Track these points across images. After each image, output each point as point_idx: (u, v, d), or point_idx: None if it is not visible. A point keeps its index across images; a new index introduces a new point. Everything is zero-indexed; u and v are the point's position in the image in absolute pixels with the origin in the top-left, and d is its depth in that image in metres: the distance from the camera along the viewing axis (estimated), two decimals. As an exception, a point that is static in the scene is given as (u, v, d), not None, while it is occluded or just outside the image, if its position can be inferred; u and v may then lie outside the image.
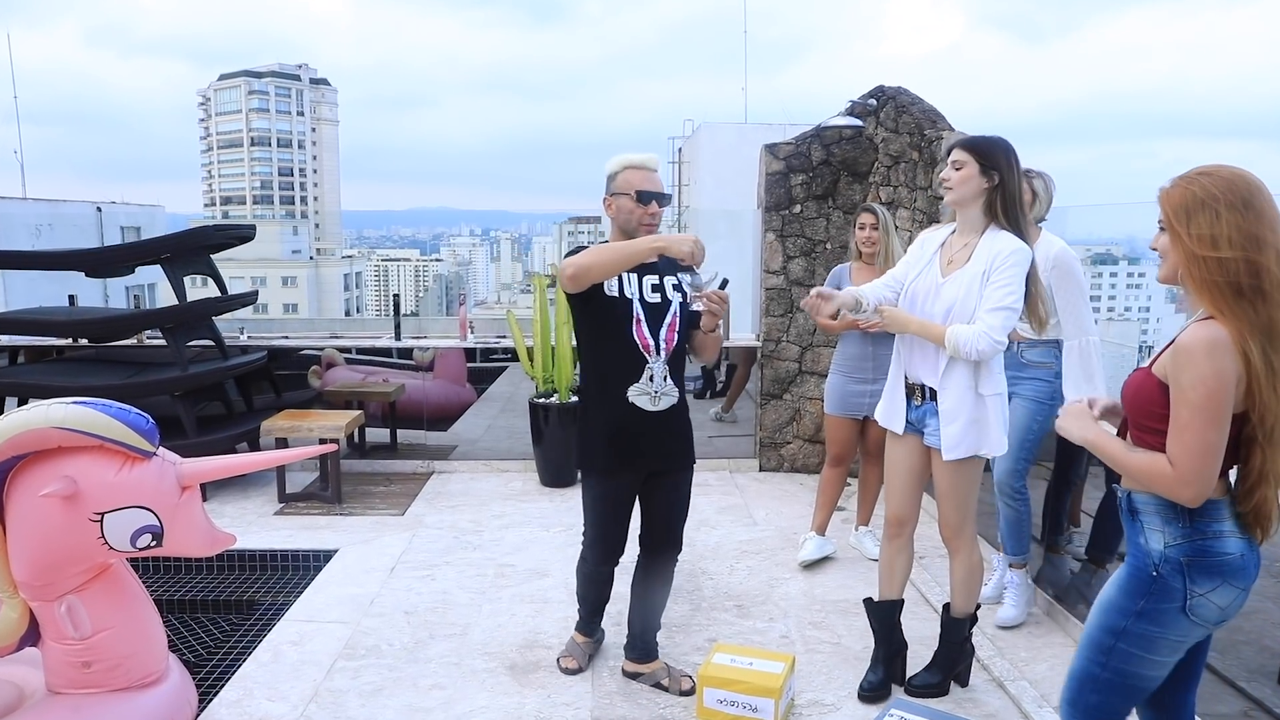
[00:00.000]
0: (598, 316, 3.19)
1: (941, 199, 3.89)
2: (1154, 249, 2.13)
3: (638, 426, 3.19)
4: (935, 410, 3.32)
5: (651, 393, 3.16)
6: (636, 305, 3.18)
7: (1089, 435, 2.19)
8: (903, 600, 3.66)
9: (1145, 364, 2.12)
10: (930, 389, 3.32)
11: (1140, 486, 2.11)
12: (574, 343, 6.50)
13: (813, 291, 3.30)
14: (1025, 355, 4.00)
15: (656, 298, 3.23)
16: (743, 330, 7.13)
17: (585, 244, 3.36)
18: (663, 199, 3.17)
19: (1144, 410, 2.09)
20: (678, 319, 3.25)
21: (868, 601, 3.70)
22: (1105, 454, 2.13)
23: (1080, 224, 5.29)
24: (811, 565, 4.88)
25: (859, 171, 6.50)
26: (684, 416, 3.32)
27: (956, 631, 3.60)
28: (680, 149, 29.12)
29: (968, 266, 3.21)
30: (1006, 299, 3.13)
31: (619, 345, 3.16)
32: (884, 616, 3.64)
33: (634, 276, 3.20)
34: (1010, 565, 4.24)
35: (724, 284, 3.14)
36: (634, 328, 3.16)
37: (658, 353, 3.17)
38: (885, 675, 3.62)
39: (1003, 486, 4.12)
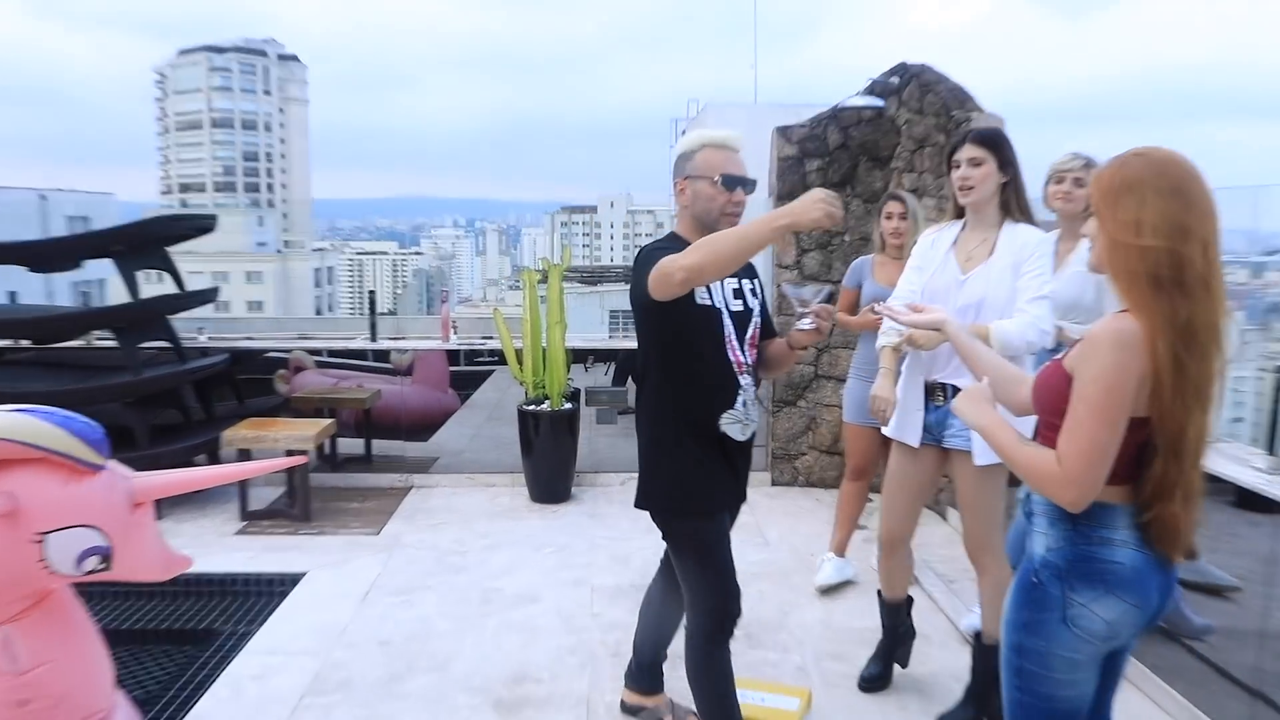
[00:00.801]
0: (684, 330, 2.88)
1: (942, 200, 3.91)
2: (1083, 234, 2.15)
3: (729, 458, 2.97)
4: None
5: (744, 420, 2.94)
6: (727, 316, 2.93)
7: (982, 420, 2.20)
8: (912, 598, 3.93)
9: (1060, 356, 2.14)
10: (955, 388, 3.45)
11: (1029, 484, 2.11)
12: (542, 344, 6.53)
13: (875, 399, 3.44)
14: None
15: (739, 305, 3.00)
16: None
17: (667, 236, 3.01)
18: (749, 185, 2.94)
19: (1049, 405, 2.10)
20: (758, 330, 3.07)
21: (880, 595, 3.95)
22: (995, 444, 2.14)
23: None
24: (830, 590, 4.86)
25: (880, 156, 6.48)
26: (752, 446, 3.12)
27: (991, 660, 3.59)
28: (684, 132, 29.13)
29: (993, 261, 3.39)
30: (1044, 287, 3.33)
31: (711, 365, 2.90)
32: (894, 614, 3.92)
33: (717, 283, 2.94)
34: None
35: (830, 296, 2.92)
36: (728, 343, 2.92)
37: (747, 371, 2.96)
38: (886, 666, 3.93)
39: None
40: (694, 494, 2.96)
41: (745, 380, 2.94)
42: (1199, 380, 1.95)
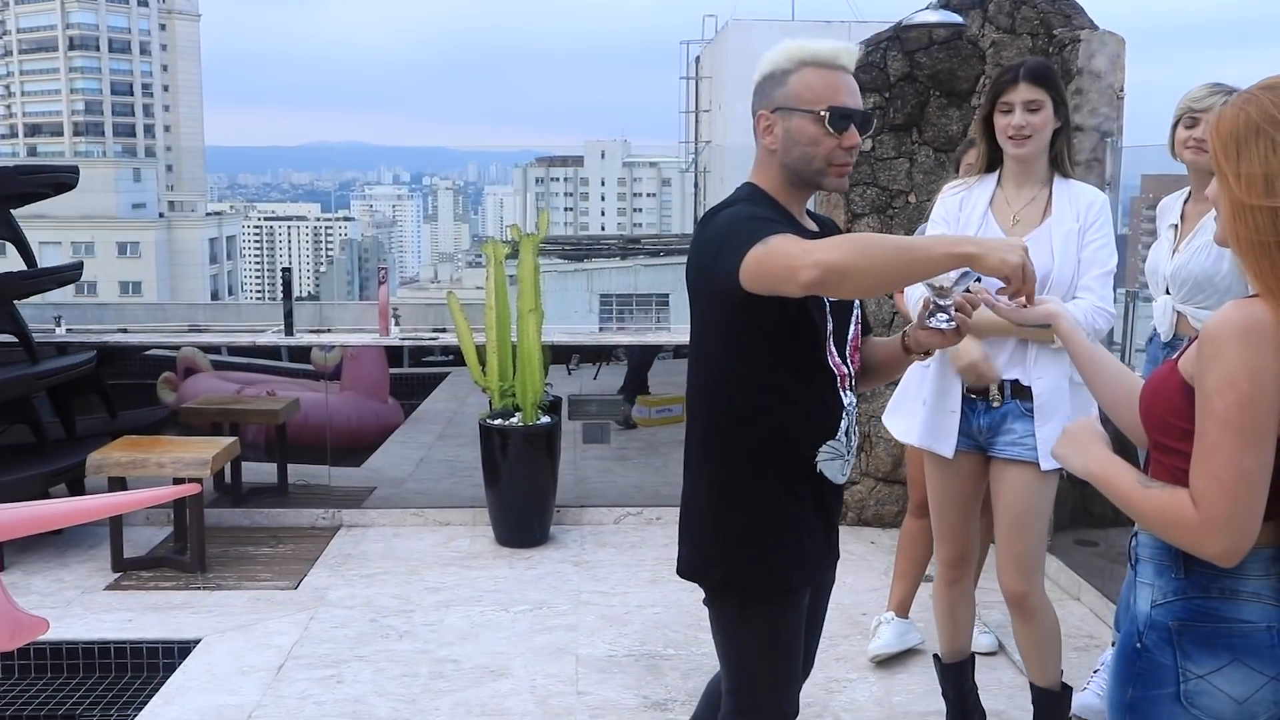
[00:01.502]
0: (780, 331, 2.70)
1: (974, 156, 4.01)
2: (1208, 197, 2.15)
3: (817, 511, 2.83)
4: (1020, 411, 3.61)
5: (844, 455, 2.81)
6: (826, 309, 2.75)
7: (1091, 466, 2.18)
8: (974, 656, 4.06)
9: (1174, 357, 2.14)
10: (1009, 385, 3.62)
11: (1164, 537, 2.08)
12: (511, 339, 6.55)
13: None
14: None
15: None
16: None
17: (752, 197, 2.79)
18: (866, 122, 2.74)
19: (1162, 422, 2.09)
20: (860, 328, 2.94)
21: (936, 660, 4.04)
22: (1112, 492, 2.12)
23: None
24: (887, 661, 4.89)
25: (957, 91, 6.52)
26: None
27: (1056, 709, 3.78)
28: (698, 59, 29.22)
29: (1051, 224, 3.58)
30: (1110, 260, 3.54)
31: (810, 378, 2.75)
32: (958, 679, 3.98)
33: None
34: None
35: (977, 278, 2.63)
36: (828, 345, 2.75)
37: (851, 387, 2.82)
38: None
39: None
40: (778, 561, 2.78)
41: (849, 399, 2.81)
42: None
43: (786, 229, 2.51)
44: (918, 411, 3.83)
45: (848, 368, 2.80)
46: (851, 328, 2.86)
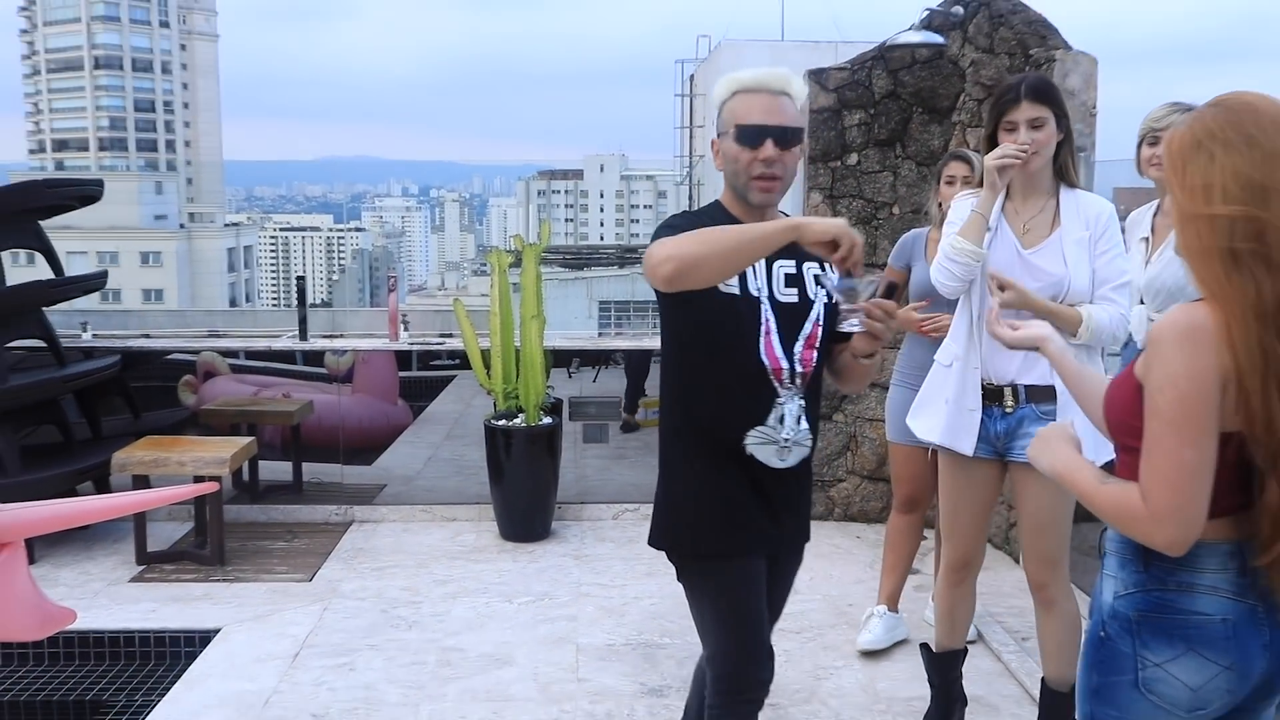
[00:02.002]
0: (703, 324, 2.89)
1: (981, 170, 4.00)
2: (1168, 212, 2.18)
3: (754, 491, 2.93)
4: (1036, 415, 3.60)
5: (779, 441, 2.88)
6: (767, 307, 2.88)
7: (1055, 465, 2.21)
8: (966, 649, 4.04)
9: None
10: (1024, 389, 3.61)
11: (1118, 529, 2.12)
12: (515, 344, 6.56)
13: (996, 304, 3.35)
14: None
15: (793, 295, 2.93)
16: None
17: (681, 214, 3.04)
18: (784, 135, 2.82)
19: (1121, 422, 2.11)
20: (820, 327, 2.97)
21: (924, 649, 4.03)
22: (1074, 489, 2.16)
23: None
24: (874, 653, 4.89)
25: (939, 107, 6.53)
26: (809, 478, 3.12)
27: (1062, 711, 3.75)
28: (692, 77, 29.21)
29: (1061, 233, 3.57)
30: (1125, 271, 3.56)
31: (736, 368, 2.87)
32: (946, 669, 3.97)
33: (760, 264, 2.88)
34: None
35: (890, 290, 2.82)
36: (762, 342, 2.87)
37: (793, 380, 2.89)
38: None
39: None
40: (707, 530, 2.94)
41: (787, 391, 2.88)
42: None
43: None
44: (941, 410, 3.78)
45: (788, 363, 2.87)
46: (807, 326, 2.93)
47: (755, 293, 2.86)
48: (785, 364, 2.86)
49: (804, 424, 2.92)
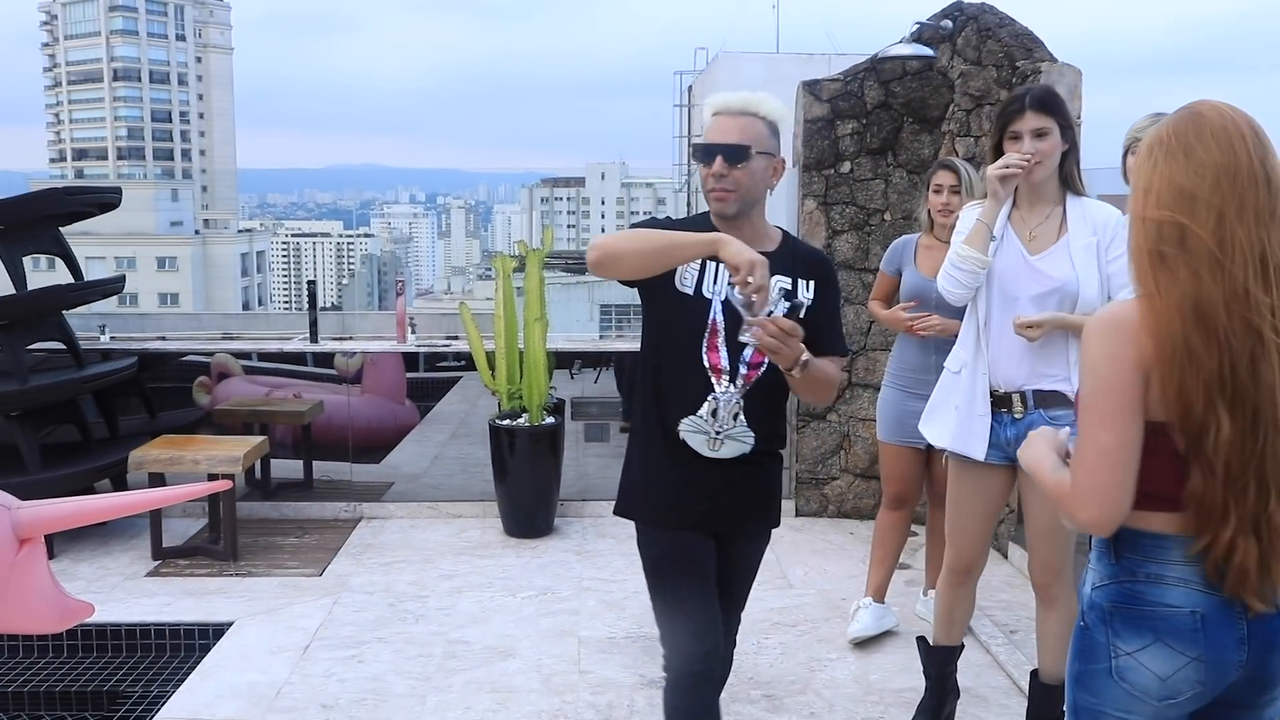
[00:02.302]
0: (662, 317, 3.09)
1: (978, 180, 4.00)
2: None
3: (690, 474, 3.06)
4: (1045, 421, 3.53)
5: (710, 433, 3.02)
6: (716, 310, 3.01)
7: (1026, 459, 2.27)
8: (963, 645, 4.03)
9: None
10: (1032, 395, 3.57)
11: (1057, 511, 2.18)
12: (519, 346, 6.55)
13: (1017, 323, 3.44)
14: None
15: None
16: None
17: (668, 217, 3.36)
18: (729, 152, 2.95)
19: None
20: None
21: (921, 642, 4.03)
22: (1036, 479, 2.21)
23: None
24: (866, 643, 4.89)
25: (929, 117, 6.53)
26: (765, 466, 3.16)
27: (1051, 704, 3.74)
28: (690, 88, 29.19)
29: (1070, 239, 3.53)
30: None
31: (679, 361, 3.04)
32: (942, 663, 3.97)
33: (723, 270, 2.96)
34: None
35: (794, 309, 2.81)
36: (706, 341, 3.01)
37: (732, 380, 3.01)
38: None
39: None
40: (640, 499, 3.18)
41: (723, 387, 3.00)
42: (1222, 373, 1.95)
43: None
44: (951, 417, 3.77)
45: (729, 363, 3.00)
46: None
47: (709, 295, 3.01)
48: (726, 364, 2.99)
49: (741, 421, 3.02)
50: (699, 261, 2.97)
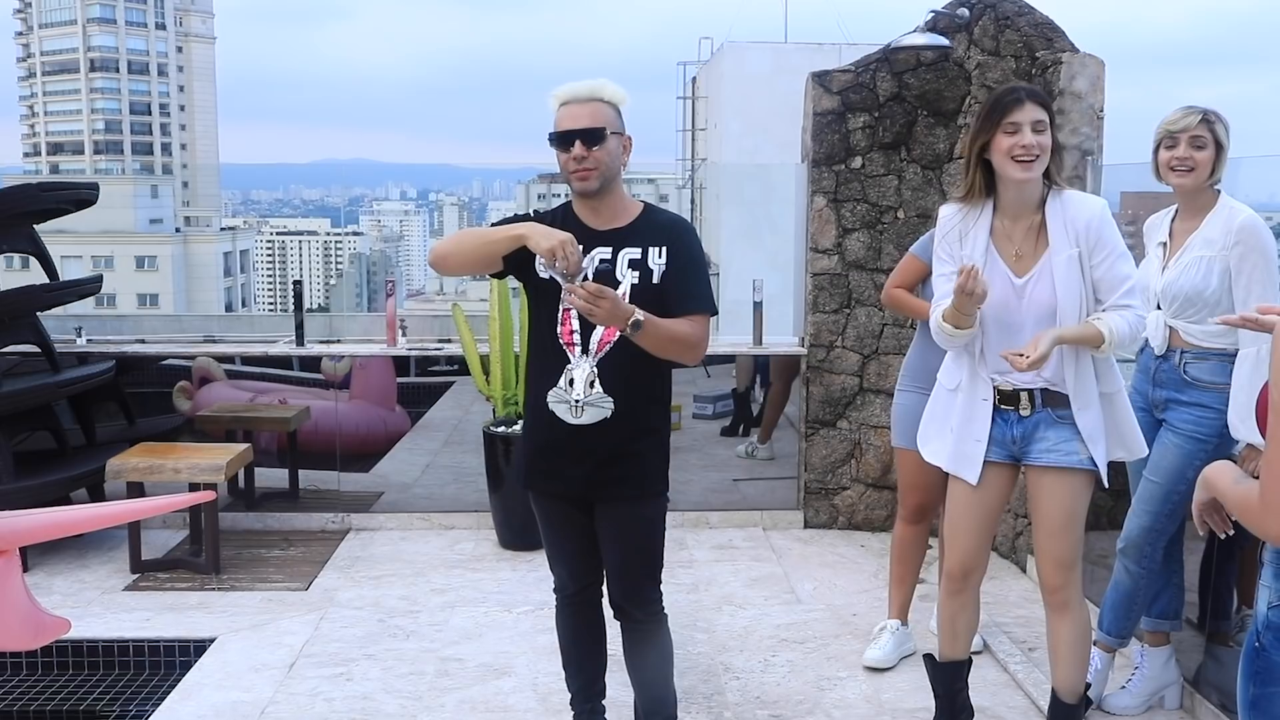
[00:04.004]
0: (531, 302, 3.66)
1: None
2: None
3: (559, 440, 3.56)
4: (1052, 419, 3.62)
5: (570, 401, 3.50)
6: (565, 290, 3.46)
7: (1207, 474, 2.33)
8: (971, 660, 4.01)
9: None
10: (1040, 393, 3.62)
11: (1244, 524, 2.18)
12: (514, 349, 6.53)
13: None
14: (1190, 370, 4.04)
15: (606, 278, 3.47)
16: (781, 333, 7.16)
17: (534, 211, 3.78)
18: (586, 136, 3.42)
19: (1263, 424, 2.14)
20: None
21: (928, 659, 4.02)
22: (1216, 490, 2.27)
23: (1258, 180, 5.29)
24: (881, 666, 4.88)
25: (944, 110, 6.53)
26: (631, 434, 3.55)
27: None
28: (694, 79, 29.18)
29: (1050, 255, 3.56)
30: (1128, 271, 3.56)
31: (543, 339, 3.58)
32: (949, 679, 3.97)
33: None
34: (1096, 644, 4.36)
35: (600, 275, 3.42)
36: (560, 318, 3.53)
37: (585, 352, 3.51)
38: None
39: (1130, 547, 4.19)
40: (520, 467, 3.80)
41: (576, 358, 3.51)
42: None
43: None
44: (947, 438, 3.80)
45: (579, 337, 3.50)
46: None
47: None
48: (579, 337, 3.50)
49: (597, 388, 3.49)
50: None
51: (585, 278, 3.35)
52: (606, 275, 3.44)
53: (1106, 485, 3.74)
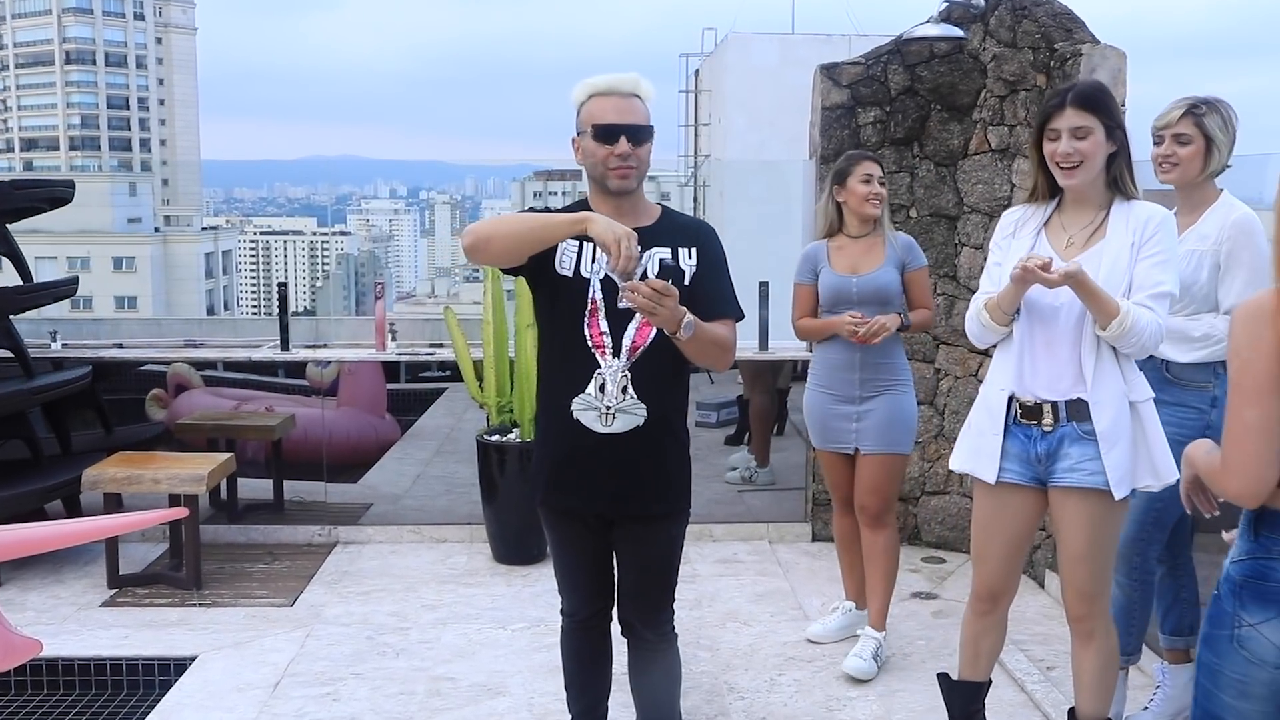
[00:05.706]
0: (547, 301, 3.51)
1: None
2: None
3: (585, 452, 3.44)
4: (1077, 434, 3.54)
5: (600, 408, 3.38)
6: (595, 288, 3.41)
7: (1186, 451, 2.71)
8: (990, 682, 3.99)
9: None
10: (1065, 405, 3.54)
11: (1211, 489, 2.64)
12: (509, 354, 6.55)
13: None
14: (1173, 368, 4.07)
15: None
16: (789, 336, 7.13)
17: (546, 206, 3.63)
18: (636, 133, 3.37)
19: None
20: None
21: (943, 678, 4.02)
22: (1195, 466, 2.66)
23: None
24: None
25: (959, 104, 6.53)
26: (662, 444, 3.50)
27: None
28: (698, 71, 29.24)
29: (1103, 245, 3.52)
30: (1163, 280, 3.46)
31: (566, 341, 3.43)
32: (966, 700, 3.96)
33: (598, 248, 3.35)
34: None
35: (665, 271, 3.35)
36: (587, 319, 3.40)
37: (616, 354, 3.39)
38: None
39: (1118, 559, 4.19)
40: (538, 484, 3.63)
41: (608, 361, 3.39)
42: None
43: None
44: (966, 435, 3.80)
45: (610, 339, 3.39)
46: None
47: (587, 274, 3.41)
48: (608, 338, 3.38)
49: (630, 394, 3.38)
50: (576, 244, 3.39)
51: (643, 275, 3.26)
52: (672, 271, 3.37)
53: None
